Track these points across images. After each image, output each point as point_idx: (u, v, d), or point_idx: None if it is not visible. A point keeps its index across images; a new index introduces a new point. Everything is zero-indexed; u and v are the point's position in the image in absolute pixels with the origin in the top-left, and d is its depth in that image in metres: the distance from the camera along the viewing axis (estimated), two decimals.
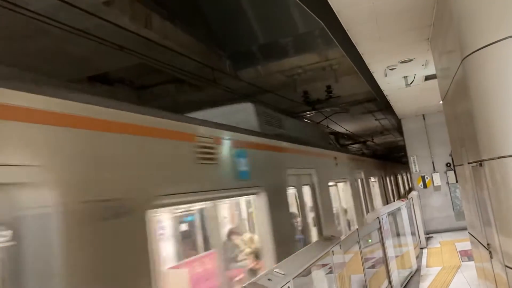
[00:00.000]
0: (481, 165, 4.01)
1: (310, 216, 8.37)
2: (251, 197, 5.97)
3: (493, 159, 3.69)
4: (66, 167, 2.90)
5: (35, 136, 2.73)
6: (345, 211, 11.57)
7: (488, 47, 3.64)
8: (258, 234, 6.02)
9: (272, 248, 5.87)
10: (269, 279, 2.95)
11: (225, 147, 5.32)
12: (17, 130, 2.62)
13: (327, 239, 4.83)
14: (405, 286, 8.18)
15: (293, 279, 3.21)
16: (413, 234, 10.73)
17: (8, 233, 2.54)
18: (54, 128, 2.86)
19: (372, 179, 16.47)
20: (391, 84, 9.36)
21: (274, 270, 3.19)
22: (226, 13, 9.21)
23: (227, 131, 5.53)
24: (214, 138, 5.04)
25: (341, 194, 11.30)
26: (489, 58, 3.68)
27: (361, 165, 14.79)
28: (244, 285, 2.80)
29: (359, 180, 13.64)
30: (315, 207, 8.56)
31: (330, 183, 10.08)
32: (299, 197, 7.86)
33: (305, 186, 8.30)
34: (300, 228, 7.77)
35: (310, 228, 8.20)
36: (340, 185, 11.35)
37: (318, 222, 8.48)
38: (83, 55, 7.75)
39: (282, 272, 3.16)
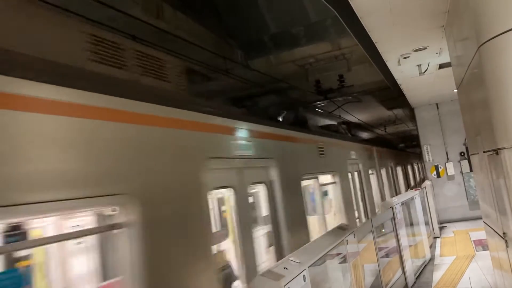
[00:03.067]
0: (497, 153, 3.97)
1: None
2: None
3: (510, 147, 3.65)
4: None
5: None
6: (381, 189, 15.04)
7: (505, 34, 3.58)
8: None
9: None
10: (285, 268, 2.96)
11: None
12: None
13: (341, 228, 4.83)
14: (418, 275, 8.17)
15: (308, 267, 3.22)
16: (426, 223, 10.69)
17: None
18: None
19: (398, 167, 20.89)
20: (404, 72, 9.28)
21: (290, 258, 3.21)
22: (238, 2, 9.17)
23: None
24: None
25: (377, 178, 14.77)
26: (507, 45, 3.62)
27: (387, 156, 17.76)
28: (260, 273, 2.82)
29: (388, 167, 17.43)
30: (364, 186, 12.20)
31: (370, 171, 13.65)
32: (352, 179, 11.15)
33: (355, 171, 11.75)
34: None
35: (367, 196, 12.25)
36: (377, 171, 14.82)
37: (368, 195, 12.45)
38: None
39: (298, 261, 3.18)
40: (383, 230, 7.14)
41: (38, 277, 3.41)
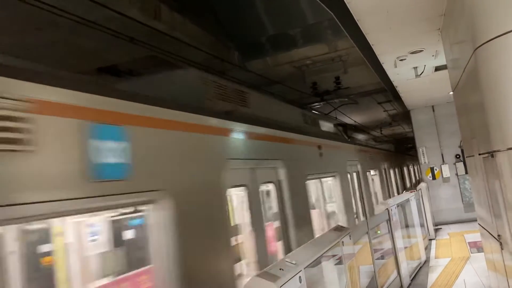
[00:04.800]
0: (492, 156, 3.99)
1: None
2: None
3: (505, 150, 3.67)
4: None
5: None
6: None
7: (501, 37, 3.60)
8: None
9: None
10: (280, 269, 2.97)
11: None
12: None
13: (338, 230, 4.84)
14: (414, 277, 8.20)
15: (304, 268, 3.23)
16: (422, 225, 10.73)
17: None
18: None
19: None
20: (400, 75, 9.31)
21: (286, 260, 3.21)
22: (235, 3, 9.18)
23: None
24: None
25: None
26: (502, 48, 3.64)
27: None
28: (256, 274, 2.82)
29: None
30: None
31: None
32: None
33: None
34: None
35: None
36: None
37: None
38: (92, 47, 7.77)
39: (293, 262, 3.18)
40: (379, 231, 7.16)
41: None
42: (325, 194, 9.41)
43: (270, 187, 6.42)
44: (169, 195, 3.72)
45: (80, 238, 3.57)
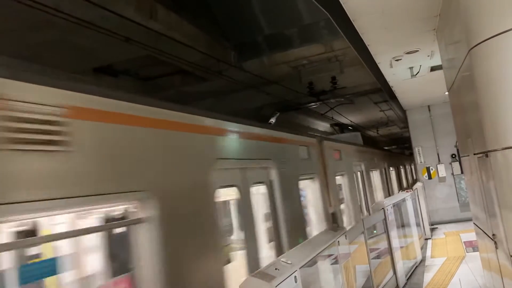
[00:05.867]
0: (487, 156, 4.01)
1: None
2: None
3: (499, 150, 3.69)
4: None
5: None
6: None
7: (495, 37, 3.62)
8: None
9: None
10: (276, 269, 2.98)
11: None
12: None
13: (333, 229, 4.85)
14: (409, 276, 8.22)
15: (299, 268, 3.24)
16: (418, 225, 10.75)
17: None
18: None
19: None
20: (396, 75, 9.33)
21: (281, 259, 3.22)
22: (231, 3, 9.19)
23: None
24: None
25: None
26: (496, 49, 3.66)
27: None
28: (251, 274, 2.83)
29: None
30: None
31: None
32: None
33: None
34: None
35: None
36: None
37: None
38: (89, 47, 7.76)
39: (289, 262, 3.19)
40: (375, 231, 7.18)
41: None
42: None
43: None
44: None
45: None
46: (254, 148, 6.12)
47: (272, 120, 14.10)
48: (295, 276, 3.14)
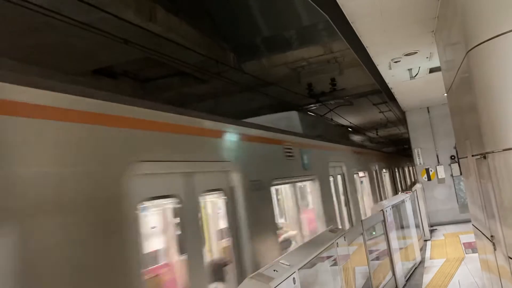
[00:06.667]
0: (485, 157, 4.03)
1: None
2: None
3: (497, 151, 3.70)
4: None
5: None
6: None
7: (493, 40, 3.64)
8: None
9: None
10: (275, 270, 2.98)
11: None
12: None
13: (332, 231, 4.86)
14: (409, 278, 8.22)
15: (298, 270, 3.25)
16: (417, 226, 10.76)
17: None
18: None
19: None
20: (395, 76, 9.35)
21: (280, 261, 3.23)
22: (231, 5, 9.20)
23: None
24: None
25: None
26: (494, 51, 3.67)
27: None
28: (250, 275, 2.84)
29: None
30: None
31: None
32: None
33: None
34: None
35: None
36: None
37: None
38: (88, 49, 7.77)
39: (288, 263, 3.20)
40: (374, 233, 7.19)
41: None
42: None
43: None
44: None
45: None
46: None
47: None
48: (293, 278, 3.15)
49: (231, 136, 5.53)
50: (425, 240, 11.79)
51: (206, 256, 4.48)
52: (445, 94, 6.71)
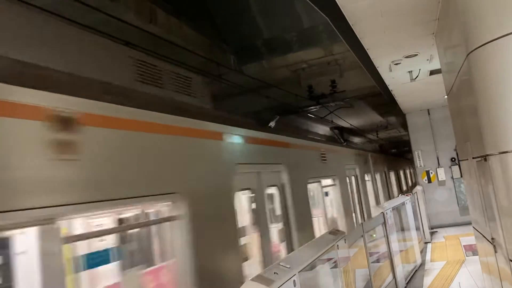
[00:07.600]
0: (485, 159, 4.02)
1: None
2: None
3: (497, 154, 3.70)
4: None
5: None
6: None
7: (494, 42, 3.64)
8: None
9: None
10: (275, 273, 2.98)
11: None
12: None
13: (332, 233, 4.85)
14: (409, 280, 8.21)
15: (298, 272, 3.24)
16: (417, 228, 10.75)
17: None
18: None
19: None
20: (396, 78, 9.35)
21: (280, 263, 3.22)
22: (231, 7, 9.21)
23: None
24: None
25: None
26: (495, 53, 3.67)
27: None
28: (250, 278, 2.83)
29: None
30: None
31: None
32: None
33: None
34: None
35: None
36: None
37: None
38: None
39: (288, 266, 3.19)
40: (374, 235, 7.18)
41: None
42: None
43: None
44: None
45: None
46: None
47: (272, 124, 14.10)
48: (294, 280, 3.14)
49: (282, 144, 7.56)
50: (426, 243, 11.78)
51: (270, 234, 6.48)
52: (446, 96, 6.71)
